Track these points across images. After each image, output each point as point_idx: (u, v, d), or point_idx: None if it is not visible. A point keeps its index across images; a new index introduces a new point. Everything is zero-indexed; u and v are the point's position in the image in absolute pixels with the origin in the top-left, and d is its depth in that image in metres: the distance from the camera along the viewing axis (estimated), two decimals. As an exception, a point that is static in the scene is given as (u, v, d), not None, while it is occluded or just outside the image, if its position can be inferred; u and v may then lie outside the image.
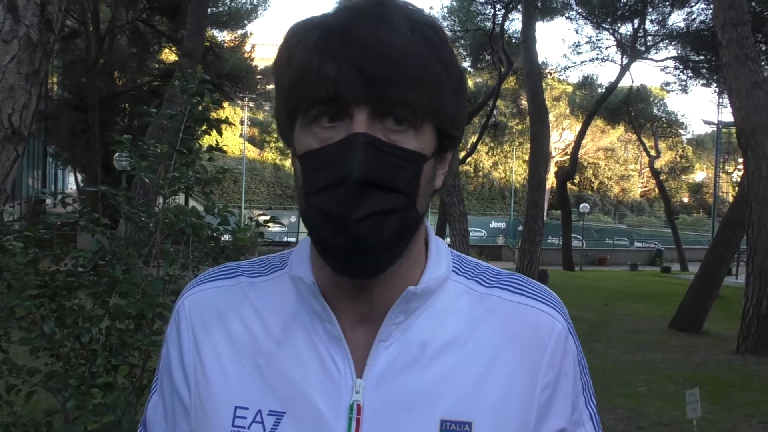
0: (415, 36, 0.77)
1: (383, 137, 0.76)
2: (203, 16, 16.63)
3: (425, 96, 0.77)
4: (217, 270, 0.98)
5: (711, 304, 12.98)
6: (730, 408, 7.32)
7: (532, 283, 0.93)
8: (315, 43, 0.77)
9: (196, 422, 0.87)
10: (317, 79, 0.76)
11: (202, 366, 0.88)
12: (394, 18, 0.78)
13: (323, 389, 0.82)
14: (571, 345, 0.90)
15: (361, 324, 0.85)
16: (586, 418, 0.92)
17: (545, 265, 22.26)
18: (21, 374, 2.56)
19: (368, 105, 0.76)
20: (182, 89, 2.74)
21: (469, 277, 0.92)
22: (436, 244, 0.92)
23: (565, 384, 0.88)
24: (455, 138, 0.86)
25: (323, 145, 0.77)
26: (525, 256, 16.28)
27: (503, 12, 27.65)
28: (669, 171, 58.28)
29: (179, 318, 0.93)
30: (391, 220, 0.77)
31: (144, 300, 2.43)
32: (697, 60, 28.02)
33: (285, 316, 0.88)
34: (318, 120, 0.78)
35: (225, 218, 2.79)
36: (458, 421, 0.81)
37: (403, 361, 0.83)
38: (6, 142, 3.45)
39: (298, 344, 0.85)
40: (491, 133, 39.52)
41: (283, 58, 0.81)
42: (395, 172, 0.77)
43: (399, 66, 0.75)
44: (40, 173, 30.03)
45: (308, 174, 0.79)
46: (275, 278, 0.92)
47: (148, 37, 26.46)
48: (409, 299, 0.84)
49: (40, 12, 3.50)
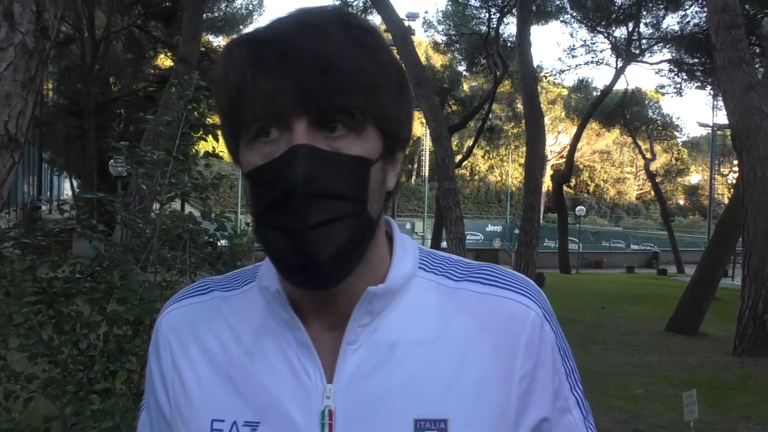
0: (349, 41, 0.77)
1: (325, 146, 0.76)
2: (199, 22, 16.63)
3: (363, 99, 0.76)
4: (193, 287, 0.98)
5: (707, 306, 13.00)
6: (727, 410, 7.33)
7: (505, 272, 0.91)
8: (247, 59, 0.77)
9: None
10: (253, 95, 0.76)
11: (180, 382, 0.89)
12: (326, 25, 0.77)
13: (295, 397, 0.82)
14: (548, 332, 0.88)
15: (329, 330, 0.85)
16: (573, 404, 0.91)
17: (542, 268, 22.27)
18: (19, 380, 2.56)
19: (306, 115, 0.75)
20: (179, 96, 2.75)
21: (438, 273, 0.90)
22: (402, 242, 0.91)
23: (543, 373, 0.87)
24: (402, 137, 0.85)
25: (266, 161, 0.77)
26: (521, 259, 16.28)
27: (498, 16, 27.71)
28: (665, 173, 58.48)
29: (158, 337, 0.94)
30: (343, 228, 0.76)
31: (141, 306, 2.44)
32: (691, 63, 28.13)
33: (255, 327, 0.88)
34: (259, 136, 0.78)
35: (222, 224, 2.79)
36: (433, 419, 0.81)
37: (372, 363, 0.83)
38: (2, 149, 3.44)
39: (270, 354, 0.85)
40: (487, 137, 39.51)
41: (220, 76, 0.81)
42: (341, 180, 0.76)
43: (333, 73, 0.75)
44: (36, 180, 30.00)
45: (255, 191, 0.79)
46: (246, 290, 0.93)
47: (143, 43, 26.46)
48: (371, 299, 0.84)
49: (36, 19, 3.49)
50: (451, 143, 17.39)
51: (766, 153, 10.13)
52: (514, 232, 38.49)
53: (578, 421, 0.92)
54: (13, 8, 3.43)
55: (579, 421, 0.92)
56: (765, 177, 10.14)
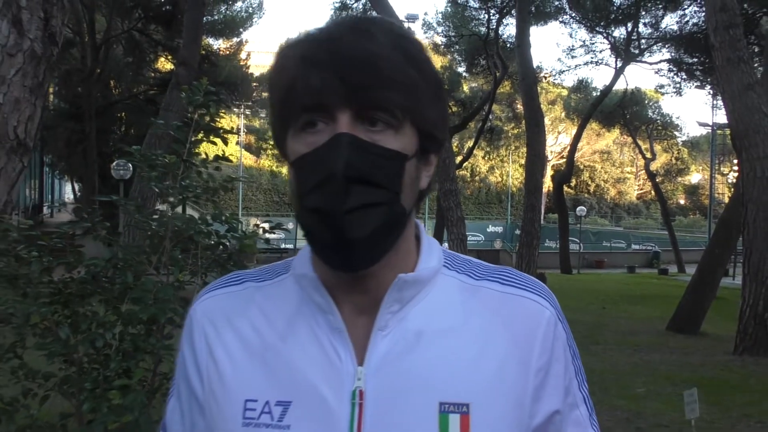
0: (392, 45, 0.85)
1: (365, 137, 0.83)
2: (199, 25, 16.68)
3: (403, 98, 0.84)
4: (226, 278, 1.04)
5: (708, 306, 13.01)
6: (728, 408, 7.35)
7: (520, 274, 0.99)
8: (301, 57, 0.85)
9: (210, 418, 0.93)
10: (303, 89, 0.83)
11: (215, 366, 0.94)
12: (374, 30, 0.85)
13: (327, 378, 0.88)
14: (560, 331, 0.96)
15: (359, 316, 0.91)
16: (580, 400, 0.98)
17: (543, 268, 22.31)
18: (37, 378, 2.61)
19: (350, 108, 0.82)
20: (189, 101, 2.81)
21: (461, 272, 0.98)
22: (428, 241, 0.98)
23: (556, 368, 0.94)
24: (437, 139, 0.92)
25: (311, 149, 0.84)
26: (522, 259, 16.33)
27: (497, 17, 27.76)
28: (665, 173, 58.45)
29: (192, 324, 0.99)
30: (376, 213, 0.83)
31: (156, 305, 2.49)
32: (690, 62, 28.13)
33: (289, 312, 0.94)
34: (306, 127, 0.85)
35: (233, 225, 2.85)
36: (456, 402, 0.86)
37: (400, 349, 0.89)
38: (12, 154, 3.50)
39: (302, 337, 0.91)
40: (487, 138, 39.56)
41: (273, 76, 0.90)
42: (377, 169, 0.83)
43: (377, 71, 0.82)
44: (38, 183, 29.99)
45: (300, 177, 0.86)
46: (280, 281, 0.99)
47: (143, 46, 26.49)
48: (401, 287, 0.90)
49: (44, 26, 3.55)
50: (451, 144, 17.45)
51: (765, 152, 10.15)
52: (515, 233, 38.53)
53: (585, 416, 0.98)
54: (21, 15, 3.50)
55: (585, 417, 0.98)
56: (765, 176, 10.16)
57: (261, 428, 0.87)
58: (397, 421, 0.86)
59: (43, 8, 3.52)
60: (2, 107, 3.44)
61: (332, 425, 0.86)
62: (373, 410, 0.86)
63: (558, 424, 0.94)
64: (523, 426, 0.90)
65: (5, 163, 3.49)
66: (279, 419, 0.87)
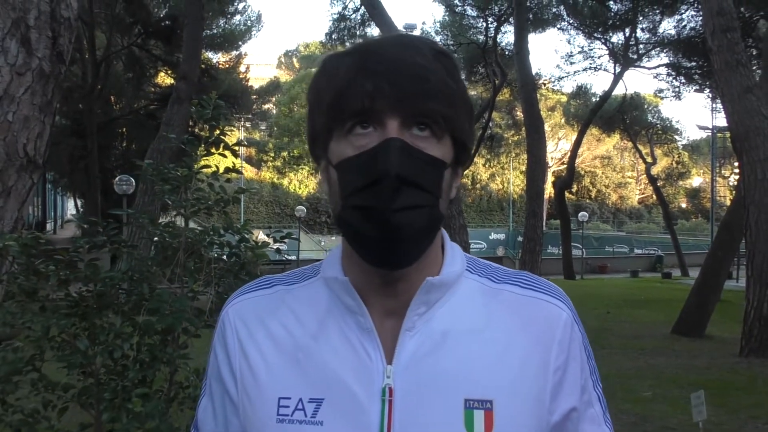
0: (436, 60, 0.91)
1: (411, 144, 0.88)
2: (198, 39, 16.77)
3: (446, 108, 0.89)
4: (256, 282, 1.09)
5: (713, 308, 12.99)
6: (735, 410, 7.35)
7: (538, 279, 1.04)
8: (353, 65, 0.90)
9: (244, 416, 0.98)
10: (356, 93, 0.88)
11: (248, 365, 0.98)
12: (418, 44, 0.92)
13: (357, 375, 0.92)
14: (576, 332, 1.01)
15: (388, 317, 0.96)
16: (595, 399, 1.04)
17: (546, 274, 22.15)
18: (56, 390, 2.66)
19: (399, 115, 0.88)
20: (199, 115, 2.86)
21: (482, 275, 1.03)
22: (452, 246, 1.04)
23: (573, 367, 0.99)
24: (468, 150, 0.97)
25: (359, 151, 0.89)
26: (525, 266, 16.35)
27: (495, 25, 27.85)
28: (666, 177, 58.47)
29: (225, 326, 1.04)
30: (421, 215, 0.88)
31: (172, 315, 2.54)
32: (689, 66, 28.15)
33: (320, 313, 0.98)
34: (353, 130, 0.90)
35: (244, 236, 2.89)
36: (480, 399, 0.91)
37: (427, 348, 0.94)
38: (22, 171, 3.55)
39: (333, 337, 0.96)
40: (488, 145, 39.64)
41: (321, 81, 0.95)
42: (423, 174, 0.88)
43: (424, 81, 0.88)
44: (40, 200, 30.04)
45: (346, 177, 0.90)
46: (309, 284, 1.04)
47: (143, 62, 26.56)
48: (428, 289, 0.95)
49: (52, 44, 3.61)
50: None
51: (766, 154, 10.16)
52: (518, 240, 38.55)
53: (599, 414, 1.04)
54: (30, 34, 3.56)
55: (600, 415, 1.04)
56: (766, 178, 10.16)
57: (295, 424, 0.92)
58: (425, 417, 0.90)
59: (51, 27, 3.58)
60: (12, 125, 3.50)
61: (363, 421, 0.90)
62: (402, 406, 0.90)
63: (575, 421, 0.99)
64: (542, 422, 0.94)
65: (15, 181, 3.54)
66: (312, 415, 0.92)
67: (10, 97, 3.47)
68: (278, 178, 60.48)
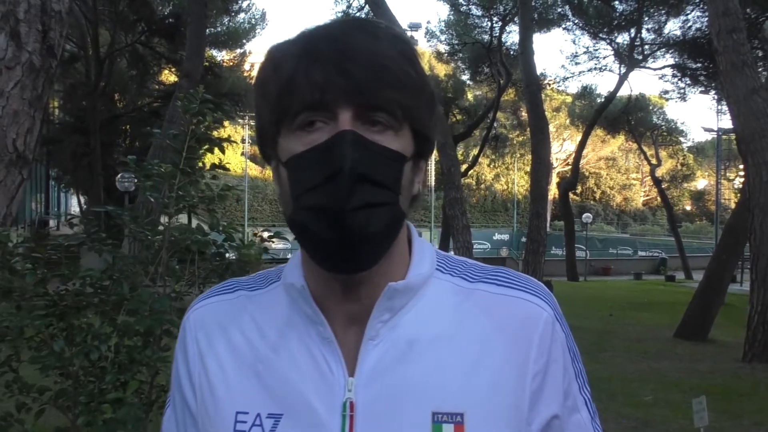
0: (394, 46, 0.83)
1: (366, 136, 0.80)
2: (202, 37, 16.76)
3: (405, 98, 0.81)
4: (219, 286, 1.02)
5: (716, 312, 12.92)
6: (737, 416, 7.28)
7: (518, 275, 0.96)
8: (301, 52, 0.82)
9: (202, 429, 0.91)
10: (305, 84, 0.80)
11: (206, 376, 0.92)
12: (373, 29, 0.83)
13: (318, 390, 0.85)
14: (558, 332, 0.92)
15: (351, 325, 0.88)
16: (581, 403, 0.94)
17: (549, 275, 22.23)
18: (31, 393, 2.59)
19: (353, 107, 0.80)
20: (184, 109, 2.79)
21: (455, 275, 0.94)
22: (420, 245, 0.95)
23: (554, 370, 0.90)
24: (430, 143, 0.90)
25: (310, 147, 0.81)
26: (528, 267, 16.27)
27: (500, 25, 27.84)
28: (670, 179, 58.37)
29: (186, 332, 0.97)
30: (380, 213, 0.81)
31: (152, 316, 2.47)
32: (694, 67, 28.10)
33: (280, 323, 0.91)
34: (304, 125, 0.82)
35: (230, 235, 2.82)
36: (450, 413, 0.83)
37: (391, 358, 0.86)
38: (11, 167, 3.49)
39: (294, 348, 0.88)
40: (492, 146, 39.61)
41: (267, 70, 0.86)
42: (381, 168, 0.81)
43: (381, 69, 0.80)
44: (43, 197, 30.13)
45: (296, 175, 0.82)
46: (271, 289, 0.96)
47: (147, 59, 26.62)
48: (391, 295, 0.87)
49: (42, 38, 3.54)
50: (456, 152, 17.44)
51: (771, 157, 10.11)
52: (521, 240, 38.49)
53: (586, 420, 0.94)
54: (19, 28, 3.48)
55: (587, 421, 0.94)
56: (771, 181, 10.11)
57: None
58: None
59: (42, 21, 3.51)
60: (1, 120, 3.43)
61: None
62: (364, 422, 0.83)
63: (557, 429, 0.90)
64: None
65: (5, 176, 3.47)
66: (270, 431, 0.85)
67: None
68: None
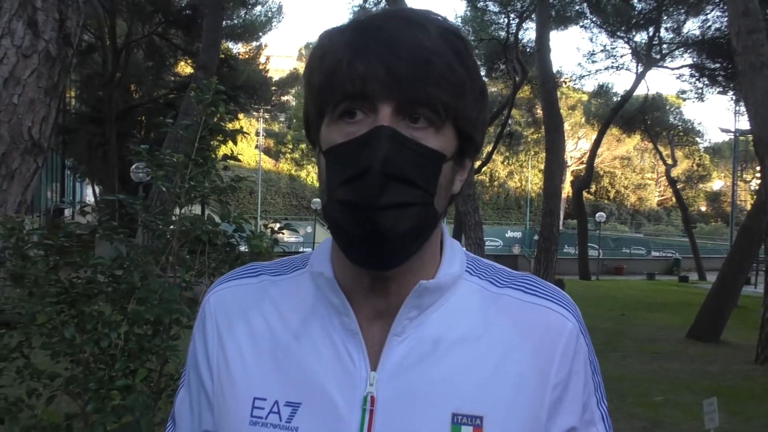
0: (443, 41, 0.81)
1: (406, 134, 0.79)
2: (218, 29, 16.77)
3: (448, 96, 0.79)
4: (242, 269, 1.01)
5: (729, 314, 12.83)
6: (748, 418, 7.24)
7: (545, 283, 0.95)
8: (346, 42, 0.81)
9: (218, 413, 0.91)
10: (346, 75, 0.79)
11: (225, 359, 0.91)
12: (422, 22, 0.81)
13: (338, 381, 0.85)
14: (582, 344, 0.91)
15: (377, 319, 0.88)
16: (598, 418, 0.93)
17: (561, 274, 22.15)
18: (42, 379, 2.61)
19: (393, 101, 0.78)
20: (198, 100, 2.79)
21: (483, 278, 0.94)
22: (451, 245, 0.94)
23: (575, 382, 0.89)
24: (475, 142, 0.88)
25: (347, 139, 0.80)
26: (541, 265, 16.22)
27: (517, 21, 27.68)
28: (686, 179, 58.03)
29: (205, 314, 0.97)
30: (410, 214, 0.79)
31: (161, 306, 2.48)
32: (713, 68, 27.83)
33: (304, 310, 0.91)
34: (344, 116, 0.81)
35: (240, 225, 2.82)
36: (470, 415, 0.83)
37: (416, 356, 0.86)
38: (26, 154, 3.52)
39: (316, 338, 0.88)
40: (506, 143, 39.48)
41: (315, 57, 0.85)
42: (416, 168, 0.79)
43: (425, 65, 0.78)
44: (59, 186, 30.32)
45: (332, 167, 0.82)
46: (296, 276, 0.96)
47: (163, 51, 26.71)
48: (421, 293, 0.86)
49: (59, 27, 3.57)
50: (469, 149, 17.34)
51: (788, 159, 10.02)
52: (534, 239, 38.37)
53: None
54: (37, 17, 3.52)
55: None
56: (788, 183, 10.03)
57: (268, 428, 0.85)
58: (408, 430, 0.83)
59: (59, 9, 3.53)
60: (17, 108, 3.46)
61: (341, 430, 0.83)
62: (384, 418, 0.83)
63: None
64: None
65: (20, 164, 3.51)
66: (287, 420, 0.85)
67: (16, 80, 3.43)
68: (296, 170, 60.64)
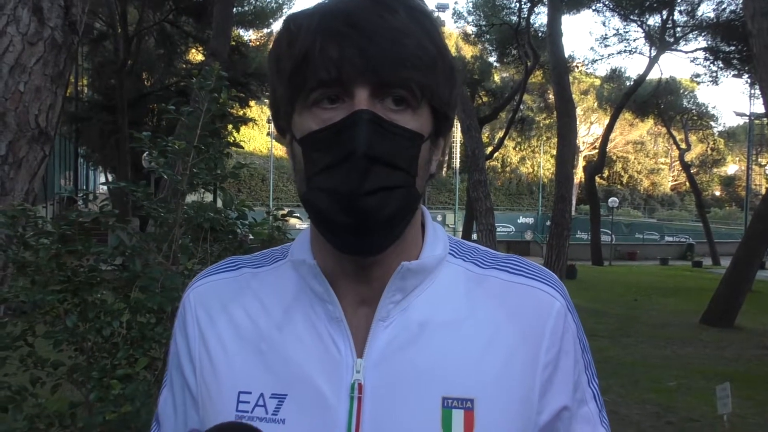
0: (412, 20, 0.80)
1: (384, 116, 0.78)
2: (229, 16, 16.74)
3: (422, 76, 0.78)
4: (221, 263, 1.00)
5: (743, 299, 12.79)
6: (761, 403, 7.22)
7: (530, 263, 0.94)
8: (316, 27, 0.79)
9: (203, 410, 0.89)
10: (320, 61, 0.77)
11: (207, 355, 0.90)
12: (390, 3, 0.80)
13: (324, 370, 0.84)
14: (570, 323, 0.91)
15: (361, 306, 0.87)
16: (589, 396, 0.93)
17: (574, 260, 22.09)
18: (46, 367, 2.61)
19: (369, 85, 0.77)
20: (200, 86, 2.77)
21: (467, 260, 0.93)
22: (434, 228, 0.93)
23: (565, 362, 0.89)
24: (449, 120, 0.87)
25: (324, 125, 0.78)
26: (553, 251, 16.15)
27: (529, 6, 27.43)
28: (700, 164, 57.59)
29: (185, 311, 0.95)
30: (395, 197, 0.78)
31: (163, 294, 2.47)
32: (727, 51, 27.52)
33: (286, 301, 0.89)
34: (319, 102, 0.79)
35: (242, 213, 2.81)
36: (460, 398, 0.82)
37: (402, 340, 0.85)
38: (33, 143, 3.51)
39: (299, 327, 0.87)
40: (518, 128, 39.27)
41: (282, 44, 0.83)
42: (397, 150, 0.78)
43: (398, 45, 0.77)
44: (72, 174, 30.50)
45: (311, 155, 0.80)
46: (277, 267, 0.95)
47: (175, 38, 26.71)
48: (404, 275, 0.85)
49: (65, 14, 3.55)
50: (481, 135, 17.31)
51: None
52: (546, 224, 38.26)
53: (594, 413, 0.93)
54: (42, 3, 3.50)
55: (594, 413, 0.93)
56: (802, 166, 9.92)
57: (255, 422, 0.84)
58: (398, 417, 0.82)
59: (64, -4, 3.51)
60: (23, 96, 3.45)
61: (329, 420, 0.82)
62: (372, 405, 0.82)
63: (566, 421, 0.89)
64: (530, 422, 0.85)
65: (27, 152, 3.50)
66: (274, 413, 0.84)
67: (22, 67, 3.42)
68: (308, 157, 60.69)
